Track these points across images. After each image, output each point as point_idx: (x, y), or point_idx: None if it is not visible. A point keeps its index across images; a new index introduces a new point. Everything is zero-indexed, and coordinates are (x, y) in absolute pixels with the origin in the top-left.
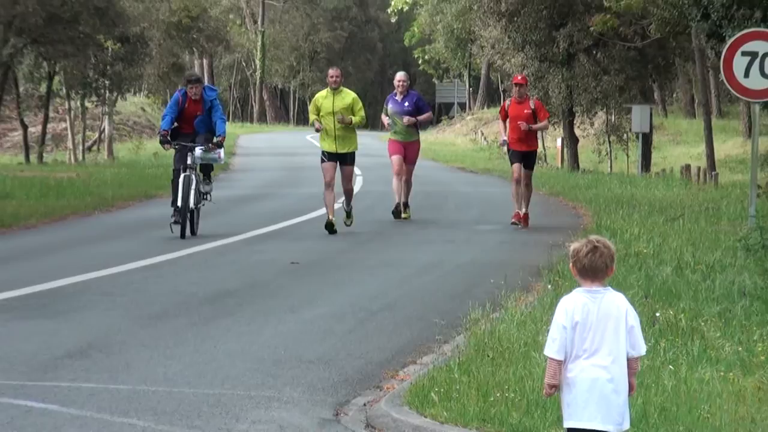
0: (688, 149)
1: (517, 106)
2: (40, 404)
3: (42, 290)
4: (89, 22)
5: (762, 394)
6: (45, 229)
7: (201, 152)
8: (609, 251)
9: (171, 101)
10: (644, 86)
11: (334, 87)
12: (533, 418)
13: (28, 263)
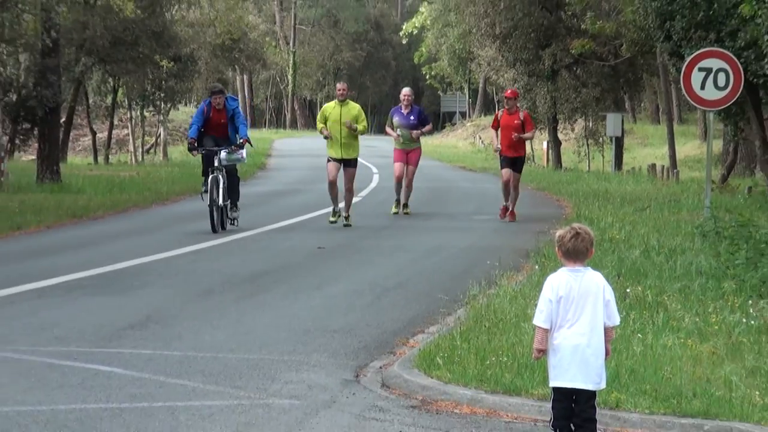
0: (654, 150)
1: (508, 117)
2: (106, 368)
3: (108, 271)
4: (147, 45)
5: (716, 358)
6: (110, 219)
7: (225, 154)
8: (589, 236)
9: (197, 111)
10: (617, 97)
11: (341, 99)
12: (523, 378)
13: (96, 248)
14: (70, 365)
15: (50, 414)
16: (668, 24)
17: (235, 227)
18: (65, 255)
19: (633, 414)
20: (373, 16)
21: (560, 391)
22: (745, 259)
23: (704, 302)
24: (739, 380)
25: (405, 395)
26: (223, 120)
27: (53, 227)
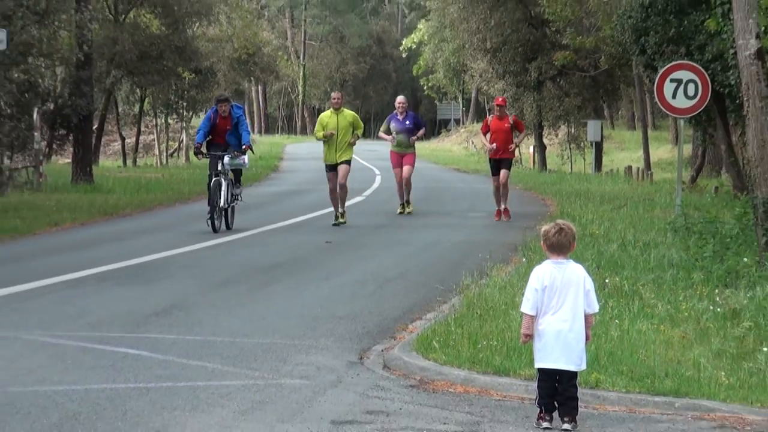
0: (630, 154)
1: (498, 122)
2: (134, 351)
3: (135, 263)
4: (171, 58)
5: (685, 341)
6: (138, 216)
7: (229, 159)
8: (572, 232)
9: (204, 118)
10: (597, 106)
11: (336, 108)
12: (512, 360)
13: (125, 243)
14: (101, 348)
15: (84, 393)
16: (643, 39)
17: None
18: (97, 249)
19: (611, 392)
20: (376, 33)
21: (545, 372)
22: (712, 252)
23: (675, 291)
24: (706, 362)
25: (404, 376)
26: (229, 127)
27: (86, 224)
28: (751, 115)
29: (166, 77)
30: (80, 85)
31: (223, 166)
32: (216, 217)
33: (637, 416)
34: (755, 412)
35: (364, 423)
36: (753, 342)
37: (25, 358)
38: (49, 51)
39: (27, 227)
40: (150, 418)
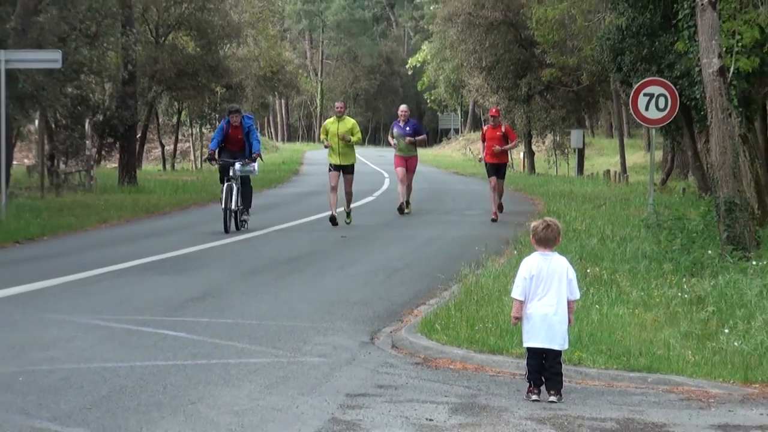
0: (608, 159)
1: (492, 131)
2: (172, 332)
3: (173, 255)
4: (205, 75)
5: (657, 324)
6: (175, 214)
7: (240, 166)
8: (557, 227)
9: (218, 127)
10: (579, 117)
11: (339, 115)
12: (505, 341)
13: (165, 237)
14: (144, 330)
15: (129, 369)
16: (619, 58)
17: (245, 229)
18: (140, 243)
19: (592, 369)
20: (385, 53)
21: (533, 351)
22: (680, 246)
23: (648, 280)
24: (675, 342)
25: (410, 354)
26: (240, 136)
27: (131, 221)
28: (714, 125)
29: (201, 92)
30: (126, 99)
31: (234, 172)
32: (228, 218)
33: (615, 390)
34: (717, 386)
35: (375, 396)
36: (716, 324)
37: (78, 338)
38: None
39: (80, 224)
40: (187, 392)
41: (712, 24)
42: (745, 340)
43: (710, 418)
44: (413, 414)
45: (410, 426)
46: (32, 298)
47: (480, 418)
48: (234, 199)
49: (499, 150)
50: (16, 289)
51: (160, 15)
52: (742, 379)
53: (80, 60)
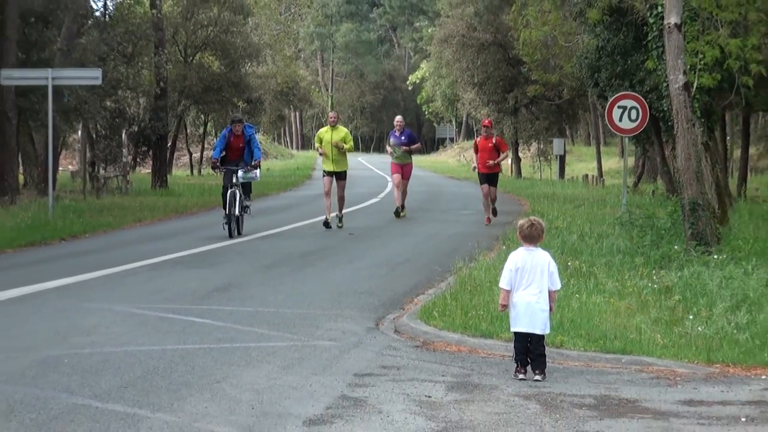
0: (586, 164)
1: (484, 141)
2: (199, 319)
3: (201, 251)
4: (228, 91)
5: (630, 311)
6: (202, 214)
7: (242, 173)
8: (541, 226)
9: (220, 136)
10: (560, 127)
11: (332, 124)
12: (495, 326)
13: (192, 235)
14: (174, 317)
15: (161, 352)
16: (596, 75)
17: (248, 214)
18: (170, 240)
19: (572, 351)
20: (388, 71)
21: (518, 335)
22: (650, 242)
23: (622, 272)
24: (646, 327)
25: (411, 338)
26: (242, 144)
27: (163, 220)
28: (679, 134)
29: (225, 105)
30: (158, 111)
31: (237, 179)
32: (232, 223)
33: (593, 369)
34: (683, 366)
35: (380, 375)
36: (681, 312)
37: (116, 325)
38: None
39: (117, 223)
40: (213, 372)
41: (678, 45)
42: (708, 326)
43: (677, 394)
44: (414, 391)
45: (411, 402)
46: (76, 289)
47: (473, 395)
48: (237, 205)
49: (494, 163)
50: (62, 281)
51: (188, 37)
52: (705, 359)
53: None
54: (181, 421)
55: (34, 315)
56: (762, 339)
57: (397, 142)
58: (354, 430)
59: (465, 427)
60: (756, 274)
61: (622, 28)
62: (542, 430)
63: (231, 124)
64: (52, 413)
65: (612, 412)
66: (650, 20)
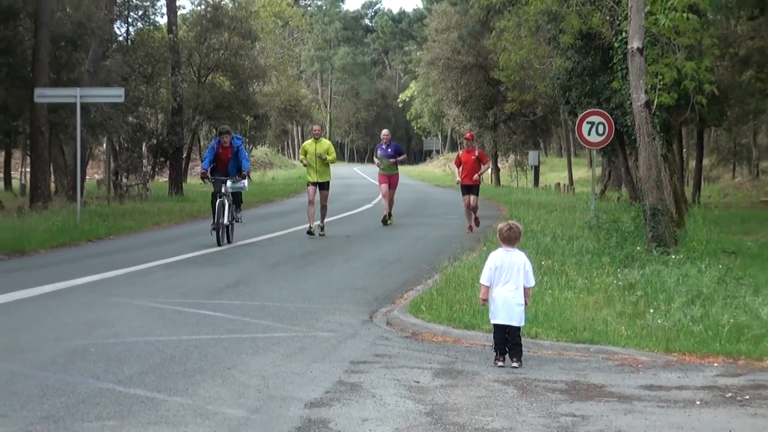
0: (558, 174)
1: (467, 154)
2: (211, 312)
3: (212, 251)
4: (237, 108)
5: (597, 305)
6: (173, 227)
7: (231, 183)
8: (519, 229)
9: (209, 148)
10: (535, 140)
11: (316, 137)
12: (477, 319)
13: (205, 237)
14: (189, 311)
15: (177, 341)
16: (567, 94)
17: (239, 222)
18: (185, 241)
19: (546, 341)
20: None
21: (497, 327)
22: (615, 243)
23: (590, 270)
24: (612, 320)
25: (401, 330)
26: (230, 155)
27: (178, 223)
28: (641, 146)
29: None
30: (174, 126)
31: (226, 189)
32: (220, 231)
33: (564, 358)
34: (644, 354)
35: (373, 363)
36: (643, 306)
37: (137, 317)
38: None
39: (138, 226)
40: (224, 360)
41: (640, 67)
42: (666, 318)
43: (639, 379)
44: (404, 377)
45: (401, 387)
46: (101, 286)
47: (457, 380)
48: (226, 214)
49: (478, 176)
50: (89, 278)
51: (201, 59)
52: (663, 349)
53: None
54: (195, 404)
55: (63, 308)
56: (714, 330)
57: (384, 154)
58: (350, 412)
59: (450, 410)
60: (709, 273)
61: (590, 51)
62: (519, 412)
63: (219, 136)
64: (80, 396)
65: (581, 395)
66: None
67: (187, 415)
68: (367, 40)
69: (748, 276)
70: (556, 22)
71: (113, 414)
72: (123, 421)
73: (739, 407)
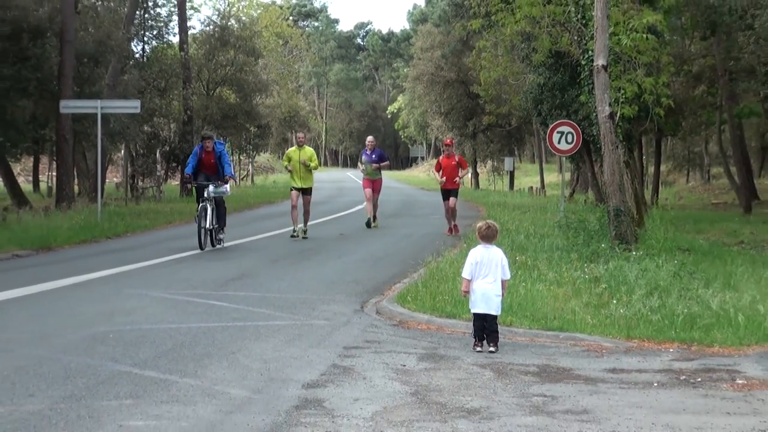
0: (531, 178)
1: (447, 160)
2: (218, 302)
3: (218, 248)
4: (242, 118)
5: (566, 296)
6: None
7: (213, 188)
8: (496, 227)
9: (192, 153)
10: (510, 148)
11: (300, 145)
12: (457, 308)
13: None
14: (198, 301)
15: (187, 329)
16: (539, 106)
17: (221, 246)
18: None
19: (519, 329)
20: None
21: (476, 315)
22: (582, 241)
23: (560, 265)
24: (579, 309)
25: (389, 318)
26: (212, 160)
27: (188, 222)
28: (606, 154)
29: (239, 130)
30: (185, 135)
31: (209, 193)
32: (203, 235)
33: (536, 344)
34: (608, 341)
35: (364, 348)
36: (607, 297)
37: (151, 307)
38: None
39: (152, 224)
40: (229, 345)
41: (605, 82)
42: (627, 308)
43: (603, 363)
44: (391, 361)
45: (389, 370)
46: (119, 278)
47: (439, 364)
48: (208, 218)
49: (458, 180)
50: (108, 272)
51: (210, 75)
52: (625, 336)
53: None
54: (203, 385)
55: (85, 299)
56: (670, 319)
57: (369, 159)
58: (343, 392)
59: (433, 390)
60: (665, 267)
61: (560, 68)
62: (495, 393)
63: (202, 141)
64: (100, 378)
65: (551, 378)
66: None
67: (196, 395)
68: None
69: (700, 271)
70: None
71: (130, 394)
72: (138, 400)
73: (692, 389)
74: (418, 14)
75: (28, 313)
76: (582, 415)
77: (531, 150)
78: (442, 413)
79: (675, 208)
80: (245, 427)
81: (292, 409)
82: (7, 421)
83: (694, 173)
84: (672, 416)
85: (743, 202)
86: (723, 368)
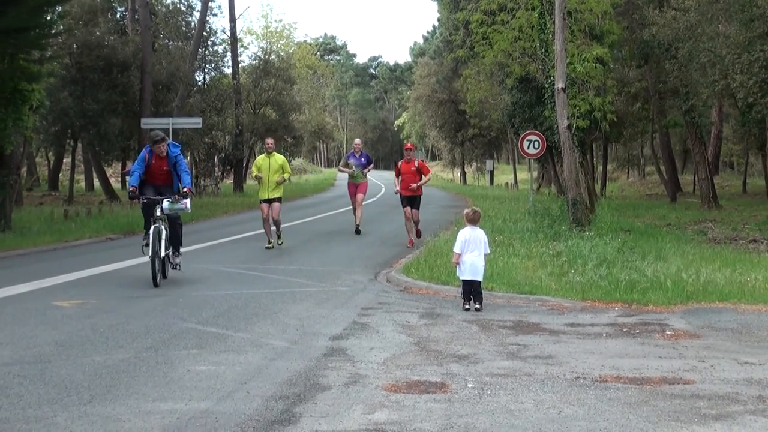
0: (507, 176)
1: (407, 165)
2: (263, 274)
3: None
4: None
5: (535, 268)
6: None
7: (168, 204)
8: (480, 213)
9: (138, 158)
10: (491, 153)
11: (269, 152)
12: (449, 277)
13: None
14: (247, 273)
15: (239, 294)
16: (513, 120)
17: (178, 271)
18: (245, 225)
19: (498, 293)
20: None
21: (465, 282)
22: (547, 224)
23: (529, 243)
24: (545, 277)
25: (397, 285)
26: (165, 167)
27: (241, 212)
28: (565, 156)
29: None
30: (237, 144)
31: (162, 211)
32: (156, 265)
33: (512, 305)
34: (568, 301)
35: (377, 308)
36: (566, 268)
37: (212, 278)
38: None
39: (212, 214)
40: (272, 307)
41: (563, 101)
42: (582, 276)
43: (564, 319)
44: (399, 318)
45: (397, 325)
46: (187, 255)
47: (436, 321)
48: (163, 243)
49: (416, 186)
50: None
51: (256, 97)
52: (581, 298)
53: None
54: (252, 338)
55: None
56: (615, 285)
57: (357, 162)
58: (361, 342)
59: (431, 341)
60: (612, 244)
61: (528, 90)
62: (480, 342)
63: (152, 145)
64: (172, 333)
65: (524, 330)
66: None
67: (247, 346)
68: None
69: (638, 246)
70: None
71: (195, 345)
72: (202, 350)
73: (632, 338)
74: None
75: (119, 283)
76: (548, 359)
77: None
78: (439, 359)
79: (618, 198)
80: (285, 371)
81: (321, 356)
82: (103, 366)
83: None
84: (617, 359)
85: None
86: (656, 322)
